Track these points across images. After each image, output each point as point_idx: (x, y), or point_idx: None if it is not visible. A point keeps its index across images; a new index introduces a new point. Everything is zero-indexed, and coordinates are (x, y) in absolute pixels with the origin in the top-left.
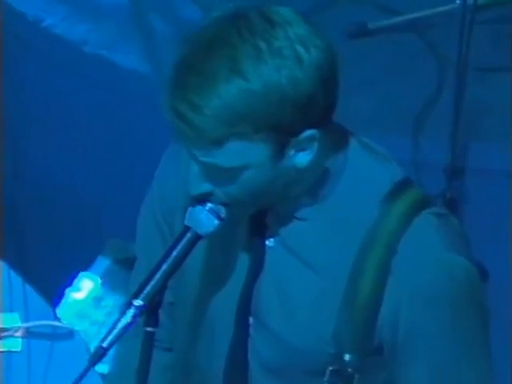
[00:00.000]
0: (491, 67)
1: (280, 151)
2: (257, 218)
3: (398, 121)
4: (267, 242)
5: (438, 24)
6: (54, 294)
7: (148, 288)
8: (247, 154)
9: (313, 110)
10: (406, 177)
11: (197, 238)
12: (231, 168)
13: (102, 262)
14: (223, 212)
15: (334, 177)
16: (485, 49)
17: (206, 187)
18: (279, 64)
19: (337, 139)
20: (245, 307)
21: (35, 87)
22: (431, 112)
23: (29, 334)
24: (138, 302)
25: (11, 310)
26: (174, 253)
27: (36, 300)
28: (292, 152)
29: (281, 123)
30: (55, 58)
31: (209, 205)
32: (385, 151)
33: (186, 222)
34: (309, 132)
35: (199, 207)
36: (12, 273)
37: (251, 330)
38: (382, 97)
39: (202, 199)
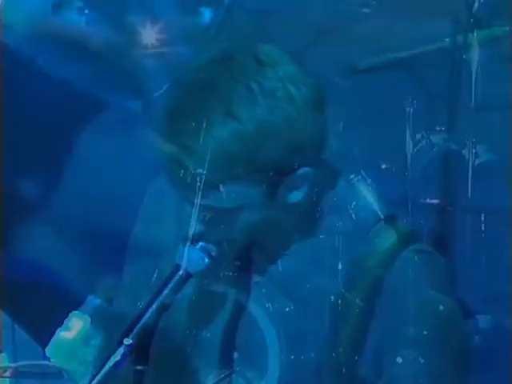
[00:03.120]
0: (482, 105)
1: (274, 190)
2: (243, 254)
3: (389, 159)
4: (253, 278)
5: (428, 62)
6: (42, 334)
7: (138, 327)
8: (242, 196)
9: (305, 148)
10: (391, 213)
11: (187, 276)
12: (226, 209)
13: (92, 301)
14: (214, 250)
15: (322, 213)
16: (476, 87)
17: (199, 227)
18: (272, 105)
19: (327, 175)
20: (230, 342)
21: (27, 124)
22: (423, 150)
23: (17, 373)
24: (127, 341)
25: None
26: (165, 291)
27: (25, 340)
28: (285, 190)
29: (274, 163)
30: (47, 96)
31: (200, 243)
32: (371, 189)
33: (177, 261)
34: (302, 170)
35: (190, 246)
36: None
37: (235, 366)
38: (373, 135)
39: (195, 239)
